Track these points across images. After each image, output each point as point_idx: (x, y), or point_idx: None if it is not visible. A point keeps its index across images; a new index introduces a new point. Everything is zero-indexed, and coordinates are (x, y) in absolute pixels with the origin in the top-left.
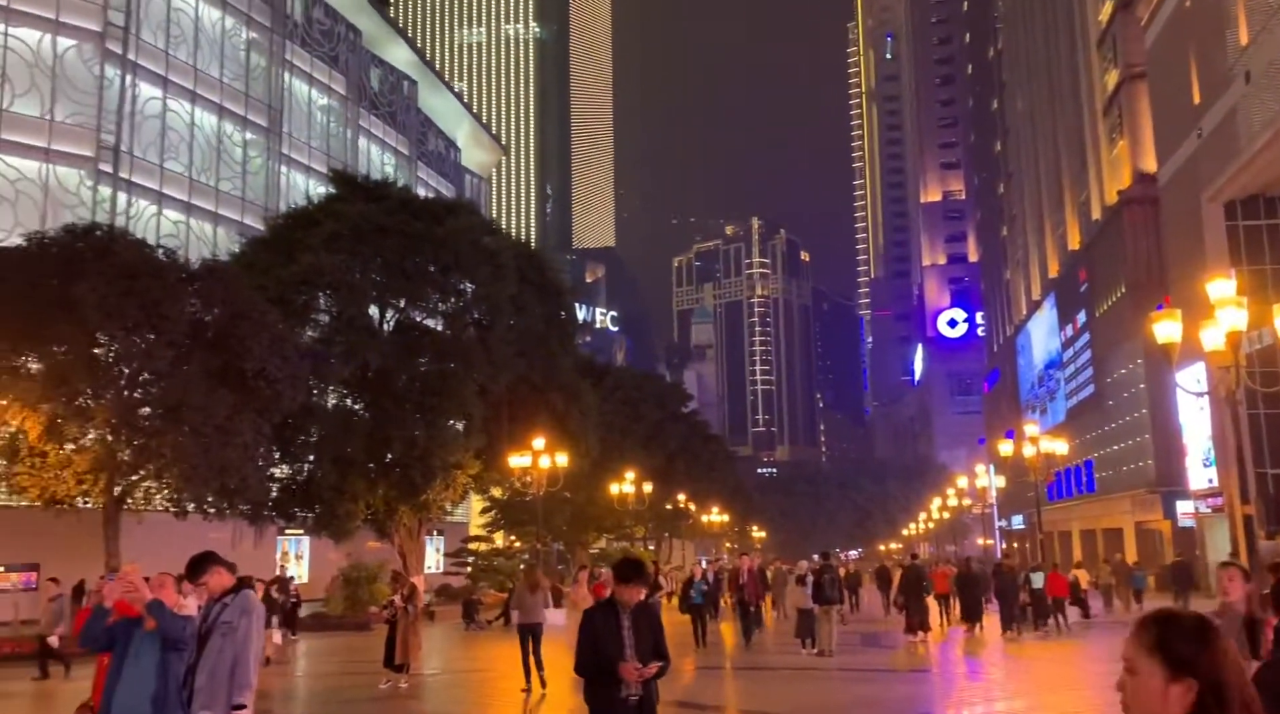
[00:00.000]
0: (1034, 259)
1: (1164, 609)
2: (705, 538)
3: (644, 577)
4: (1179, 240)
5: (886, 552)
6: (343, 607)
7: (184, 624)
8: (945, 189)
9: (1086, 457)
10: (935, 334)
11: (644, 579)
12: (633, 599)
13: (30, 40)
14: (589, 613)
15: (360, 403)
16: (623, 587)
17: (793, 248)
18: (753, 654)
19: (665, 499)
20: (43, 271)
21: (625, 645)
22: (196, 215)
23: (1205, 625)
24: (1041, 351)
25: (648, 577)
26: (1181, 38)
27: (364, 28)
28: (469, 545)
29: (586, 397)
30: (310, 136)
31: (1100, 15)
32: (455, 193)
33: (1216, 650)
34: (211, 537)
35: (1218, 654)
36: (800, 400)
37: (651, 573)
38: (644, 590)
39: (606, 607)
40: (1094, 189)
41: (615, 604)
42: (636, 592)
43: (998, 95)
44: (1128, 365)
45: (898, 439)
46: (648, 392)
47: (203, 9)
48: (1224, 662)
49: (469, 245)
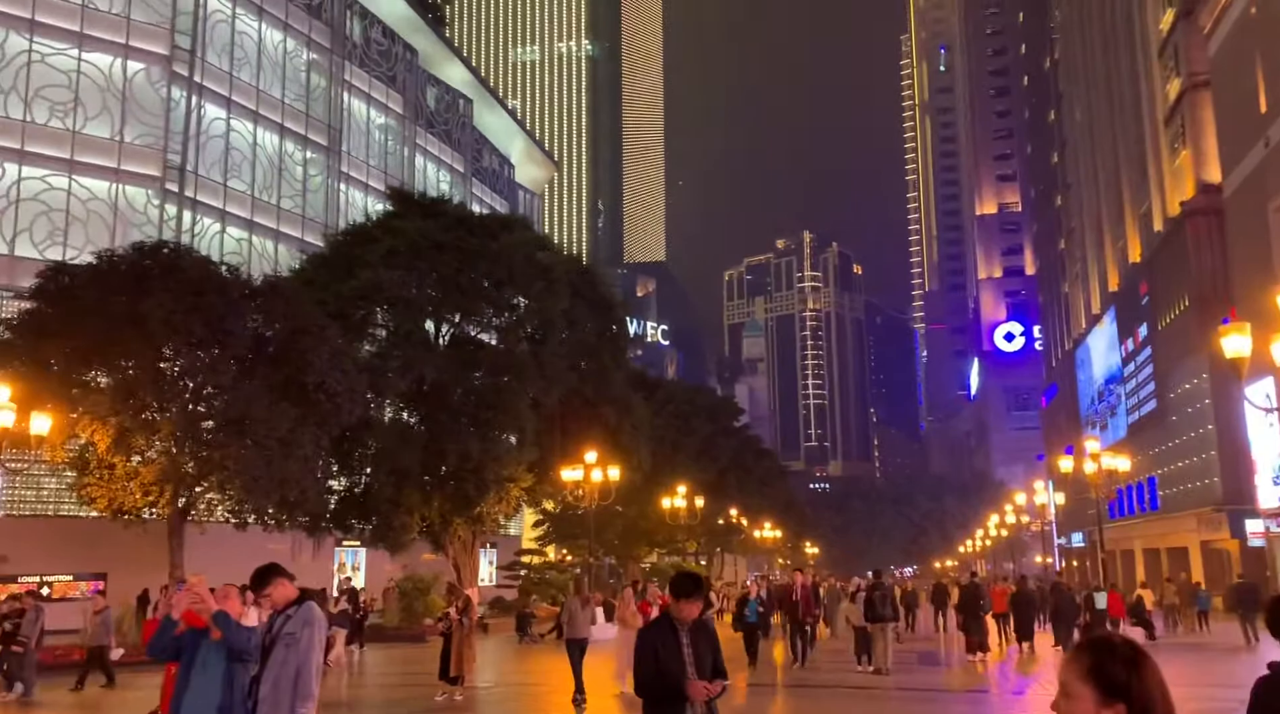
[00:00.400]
0: (1093, 272)
1: (1099, 635)
2: (758, 554)
3: (702, 592)
4: (1245, 251)
5: (942, 569)
6: (398, 618)
7: (249, 635)
8: (1001, 201)
9: (1149, 474)
10: (991, 348)
11: (702, 594)
12: (691, 615)
13: (102, 64)
14: (646, 632)
15: (416, 416)
16: (681, 602)
17: (845, 261)
18: (806, 672)
19: (717, 514)
20: (112, 288)
21: (686, 664)
22: (259, 232)
23: (1137, 651)
24: (1101, 366)
25: (706, 592)
26: (1247, 45)
27: (421, 48)
28: (522, 558)
29: (638, 410)
30: (368, 155)
31: (1161, 24)
32: (509, 208)
33: (1147, 676)
34: (271, 548)
35: (1148, 679)
36: (853, 415)
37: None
38: (701, 606)
39: (664, 624)
40: (1155, 200)
41: (672, 621)
42: (694, 607)
43: (1055, 106)
44: (1192, 380)
45: (953, 455)
46: (699, 405)
47: (265, 31)
48: (1153, 687)
49: (523, 260)
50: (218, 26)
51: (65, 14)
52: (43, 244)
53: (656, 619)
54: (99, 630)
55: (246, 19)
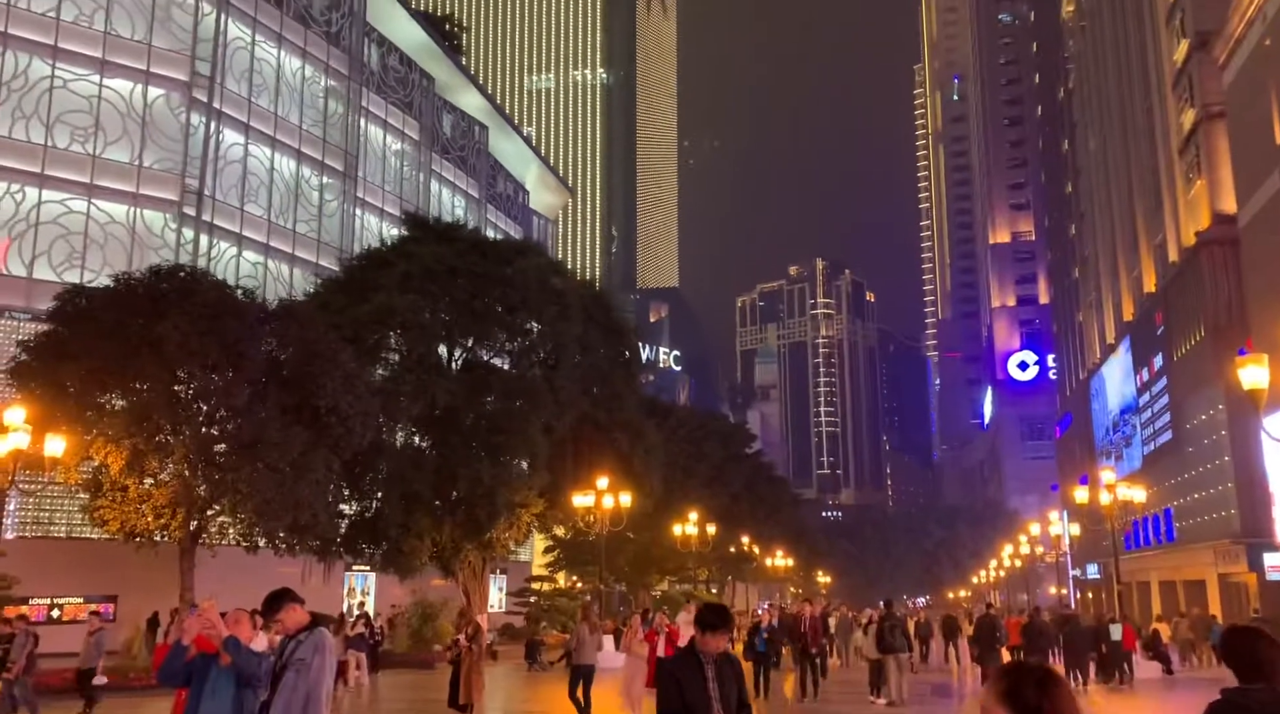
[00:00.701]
0: (1107, 301)
1: (1015, 661)
2: (769, 582)
3: (729, 625)
4: (1261, 282)
5: (955, 599)
6: (407, 644)
7: (259, 661)
8: (1014, 230)
9: (1165, 505)
10: (1005, 377)
11: (728, 627)
12: (717, 648)
13: (123, 90)
14: (667, 664)
15: (427, 441)
16: (707, 635)
17: (858, 288)
18: (818, 705)
19: (729, 542)
20: (129, 311)
21: (712, 699)
22: (274, 257)
23: (1049, 675)
24: (1116, 396)
25: (732, 624)
26: (1261, 76)
27: (437, 75)
28: (532, 585)
29: (650, 436)
30: (384, 180)
31: (1175, 55)
32: (523, 234)
33: (1059, 698)
34: (281, 572)
35: (1060, 701)
36: (866, 443)
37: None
38: (728, 638)
39: (687, 656)
40: (1170, 230)
41: (696, 653)
42: (721, 640)
43: (1068, 136)
44: (1208, 411)
45: (966, 483)
46: (711, 431)
47: (284, 58)
48: (1065, 707)
49: (536, 285)
50: (237, 53)
51: (88, 41)
52: (61, 267)
53: (680, 651)
54: (90, 652)
55: (266, 46)
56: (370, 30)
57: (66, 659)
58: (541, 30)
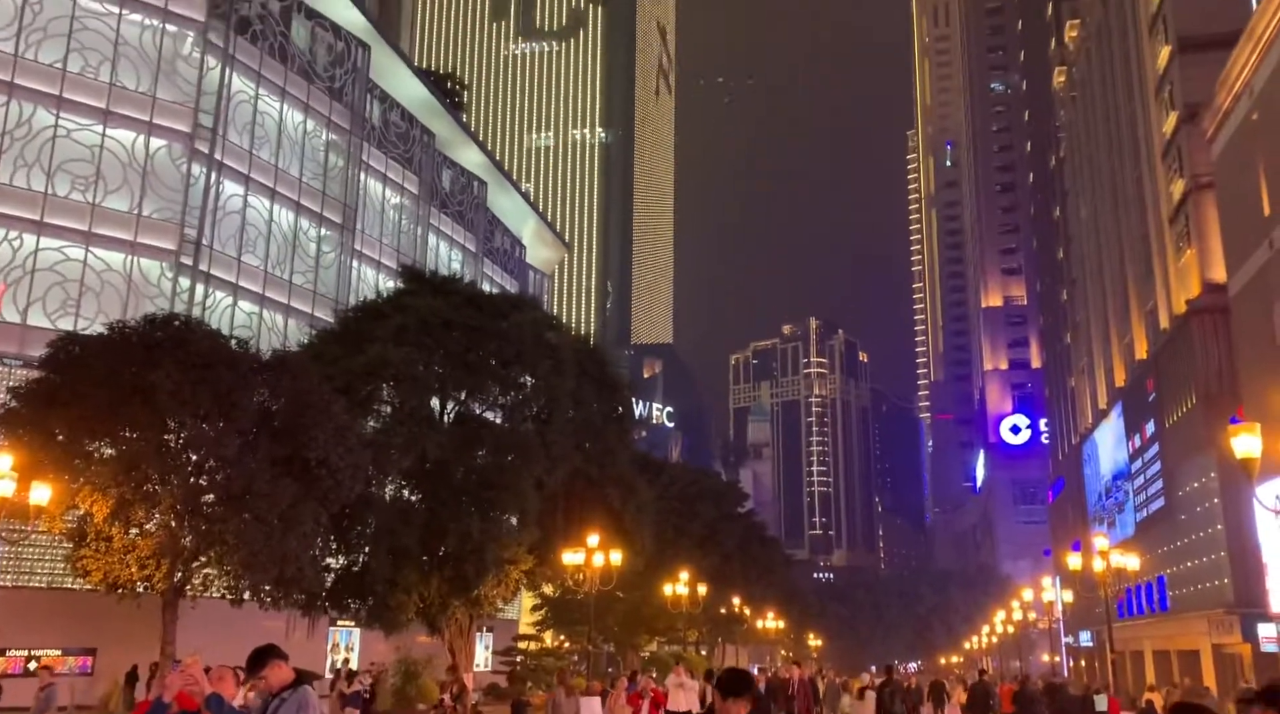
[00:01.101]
0: (1099, 367)
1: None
2: (760, 644)
3: (751, 691)
4: (1251, 351)
5: (948, 664)
6: (390, 702)
7: None
8: (1006, 294)
9: (1158, 572)
10: (997, 440)
11: (751, 693)
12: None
13: (125, 140)
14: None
15: (417, 494)
16: (729, 702)
17: (851, 348)
18: None
19: (720, 602)
20: (122, 359)
21: None
22: (270, 307)
23: None
24: (1109, 462)
25: (755, 691)
26: (1249, 149)
27: (438, 131)
28: (518, 643)
29: (642, 492)
30: (382, 233)
31: (1165, 126)
32: (519, 288)
33: None
34: (265, 626)
35: None
36: (858, 503)
37: (704, 685)
38: (751, 706)
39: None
40: (1161, 298)
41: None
42: (742, 707)
43: (1060, 203)
44: (1200, 478)
45: (959, 547)
46: (704, 490)
47: (287, 112)
48: None
49: (531, 340)
50: (240, 106)
51: (93, 92)
52: (55, 314)
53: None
54: (39, 708)
55: (269, 99)
56: (373, 86)
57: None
58: (542, 90)
